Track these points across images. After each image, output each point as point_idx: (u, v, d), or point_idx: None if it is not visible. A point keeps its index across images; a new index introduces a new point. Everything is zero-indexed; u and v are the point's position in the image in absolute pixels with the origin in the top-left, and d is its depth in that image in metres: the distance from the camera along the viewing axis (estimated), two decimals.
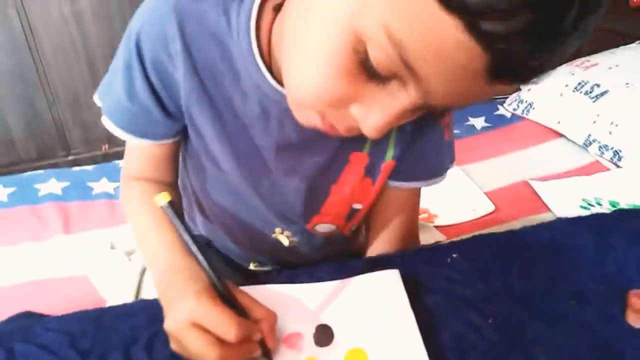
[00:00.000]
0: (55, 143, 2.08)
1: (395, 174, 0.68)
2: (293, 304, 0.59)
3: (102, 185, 1.46)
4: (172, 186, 0.71)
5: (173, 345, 0.50)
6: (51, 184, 1.45)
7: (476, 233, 0.72)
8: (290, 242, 0.73)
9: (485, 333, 0.53)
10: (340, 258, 0.68)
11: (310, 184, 0.65)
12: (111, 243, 1.21)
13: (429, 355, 0.50)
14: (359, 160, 0.65)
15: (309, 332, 0.55)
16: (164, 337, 0.56)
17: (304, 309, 0.58)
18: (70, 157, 2.11)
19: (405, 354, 0.51)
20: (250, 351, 0.50)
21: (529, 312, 0.56)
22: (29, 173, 1.51)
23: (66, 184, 1.45)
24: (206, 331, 0.47)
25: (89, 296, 1.08)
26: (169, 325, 0.49)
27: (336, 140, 0.61)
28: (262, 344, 0.51)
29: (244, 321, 0.48)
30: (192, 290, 0.49)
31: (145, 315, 0.60)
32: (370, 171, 0.66)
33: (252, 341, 0.50)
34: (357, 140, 0.57)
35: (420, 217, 0.91)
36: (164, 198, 0.49)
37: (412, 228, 0.77)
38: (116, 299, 1.04)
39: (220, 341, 0.47)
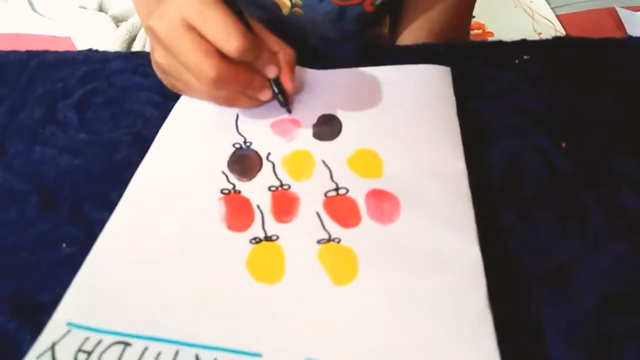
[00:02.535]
0: None
1: None
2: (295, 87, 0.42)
3: None
4: None
5: (156, 55, 0.36)
6: None
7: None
8: (293, 3, 0.53)
9: (554, 159, 0.37)
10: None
11: None
12: (99, 4, 1.01)
13: (471, 176, 0.34)
14: None
15: (308, 122, 0.39)
16: (104, 97, 0.41)
17: (308, 94, 0.41)
18: None
19: (436, 166, 0.35)
20: (256, 84, 0.36)
21: (618, 140, 0.38)
22: None
23: None
24: (203, 37, 0.33)
25: None
26: (155, 23, 0.34)
27: None
28: (277, 83, 0.37)
29: (254, 37, 0.34)
30: None
31: (88, 67, 0.44)
32: None
33: (260, 74, 0.36)
34: None
35: (472, 32, 0.69)
36: None
37: (462, 22, 0.56)
38: None
39: (220, 53, 0.33)
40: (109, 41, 0.91)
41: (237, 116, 0.39)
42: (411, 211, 0.32)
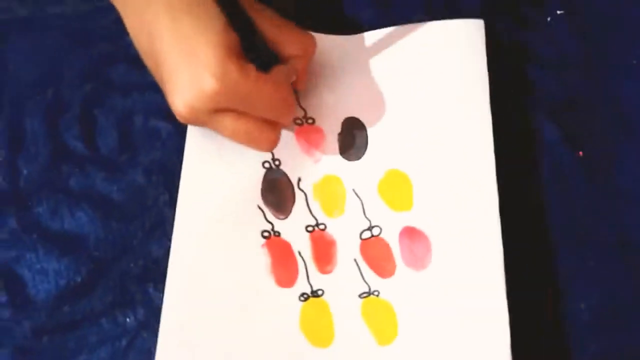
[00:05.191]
0: None
1: None
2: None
3: None
4: None
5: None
6: None
7: None
8: None
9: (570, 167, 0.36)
10: None
11: None
12: None
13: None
14: None
15: (332, 130, 0.37)
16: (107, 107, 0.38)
17: (326, 86, 0.38)
18: None
19: (466, 188, 0.34)
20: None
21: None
22: None
23: None
24: (243, 114, 0.30)
25: None
26: (182, 115, 0.29)
27: None
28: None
29: (284, 76, 0.33)
30: (204, 43, 0.28)
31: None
32: None
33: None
34: None
35: None
36: None
37: None
38: None
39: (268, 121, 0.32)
40: None
41: None
42: (441, 254, 0.33)
